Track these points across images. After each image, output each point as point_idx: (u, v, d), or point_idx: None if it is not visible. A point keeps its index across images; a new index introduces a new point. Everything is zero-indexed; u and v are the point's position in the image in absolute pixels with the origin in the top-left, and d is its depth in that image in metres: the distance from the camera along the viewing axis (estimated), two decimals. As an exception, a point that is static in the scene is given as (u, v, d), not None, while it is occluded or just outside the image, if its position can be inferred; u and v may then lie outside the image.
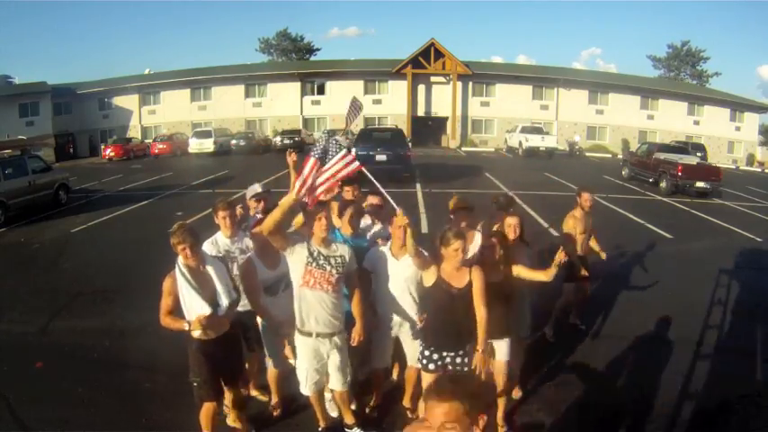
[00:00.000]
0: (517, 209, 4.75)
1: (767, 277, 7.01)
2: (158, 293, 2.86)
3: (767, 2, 52.76)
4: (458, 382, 1.34)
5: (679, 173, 13.39)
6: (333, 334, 2.97)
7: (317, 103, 31.10)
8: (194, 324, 2.73)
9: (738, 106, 31.66)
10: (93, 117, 31.64)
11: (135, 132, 30.74)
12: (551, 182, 15.02)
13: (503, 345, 3.25)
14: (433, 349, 2.96)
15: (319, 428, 3.26)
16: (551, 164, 20.22)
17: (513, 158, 23.63)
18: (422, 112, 30.62)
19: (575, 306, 5.02)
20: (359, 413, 3.38)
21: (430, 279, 2.94)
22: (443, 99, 30.27)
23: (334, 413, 3.41)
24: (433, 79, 30.20)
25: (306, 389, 3.06)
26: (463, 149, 28.52)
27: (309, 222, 2.92)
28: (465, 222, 3.43)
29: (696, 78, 41.82)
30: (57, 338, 4.79)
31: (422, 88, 30.43)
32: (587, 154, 27.35)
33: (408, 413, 3.43)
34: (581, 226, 4.74)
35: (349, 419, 3.26)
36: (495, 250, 3.15)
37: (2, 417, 3.51)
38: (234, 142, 24.09)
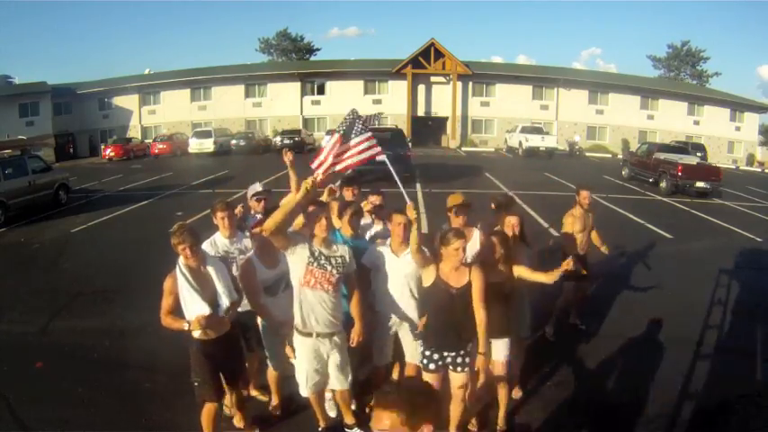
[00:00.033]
0: (517, 209, 4.75)
1: (767, 277, 7.01)
2: (158, 293, 2.86)
3: (767, 2, 52.77)
4: (401, 390, 1.35)
5: (679, 173, 13.39)
6: (333, 334, 2.97)
7: (317, 103, 31.09)
8: (194, 324, 2.73)
9: (738, 106, 31.65)
10: (93, 117, 31.62)
11: (135, 132, 30.73)
12: (551, 182, 15.02)
13: (502, 344, 3.24)
14: (434, 349, 2.96)
15: (319, 429, 3.26)
16: (551, 164, 20.22)
17: (513, 158, 23.63)
18: (422, 112, 30.60)
19: (574, 306, 5.02)
20: (359, 413, 3.37)
21: (429, 278, 2.94)
22: (443, 99, 30.26)
23: (332, 413, 3.41)
24: (433, 79, 30.19)
25: (306, 390, 3.04)
26: (463, 149, 28.52)
27: (310, 223, 2.91)
28: (463, 220, 3.43)
29: (696, 78, 41.81)
30: (57, 338, 4.79)
31: (422, 88, 30.42)
32: (587, 154, 27.36)
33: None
34: (580, 224, 4.75)
35: (349, 419, 3.26)
36: (495, 250, 3.14)
37: (2, 417, 3.51)
38: (234, 142, 24.08)
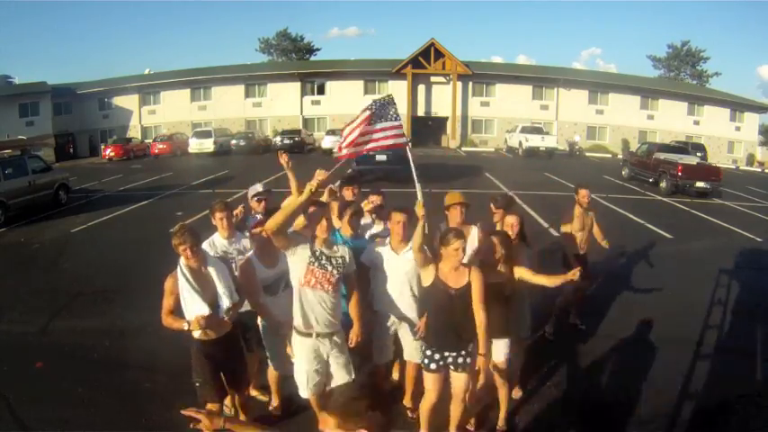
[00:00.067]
0: (516, 208, 4.75)
1: (767, 277, 7.01)
2: (158, 293, 2.86)
3: (767, 2, 52.77)
4: (332, 394, 1.41)
5: (679, 173, 13.39)
6: (332, 334, 2.97)
7: (317, 103, 31.08)
8: (193, 324, 2.73)
9: (738, 106, 31.64)
10: (93, 117, 31.60)
11: (135, 132, 30.71)
12: (551, 182, 15.03)
13: (502, 345, 3.24)
14: (435, 349, 2.96)
15: (320, 429, 3.25)
16: (551, 164, 20.22)
17: (513, 158, 23.63)
18: (422, 112, 30.59)
19: (574, 305, 5.02)
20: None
21: (428, 278, 2.94)
22: (443, 99, 30.26)
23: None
24: (433, 79, 30.19)
25: (306, 391, 3.01)
26: (463, 149, 28.51)
27: (311, 224, 2.91)
28: (460, 218, 3.42)
29: (696, 78, 41.80)
30: (57, 338, 4.79)
31: (422, 88, 30.41)
32: (587, 154, 27.35)
33: (408, 413, 3.43)
34: (579, 223, 4.75)
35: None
36: (496, 250, 3.14)
37: (2, 417, 3.51)
38: (234, 142, 24.06)
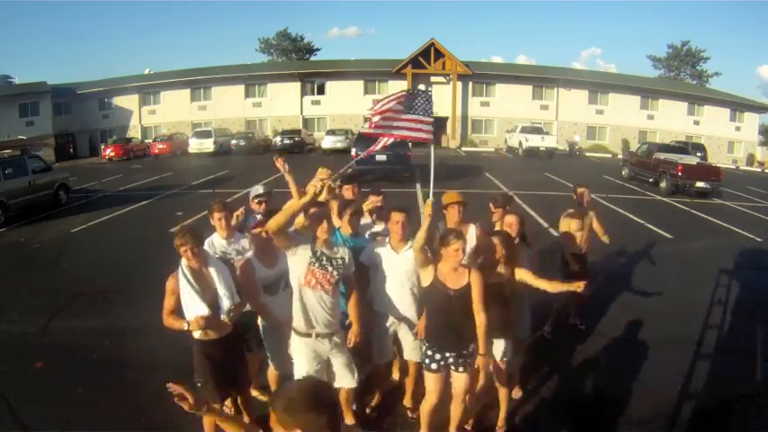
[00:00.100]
0: (515, 208, 4.76)
1: (767, 277, 7.01)
2: (159, 293, 2.87)
3: (767, 2, 52.76)
4: (280, 393, 1.40)
5: (679, 173, 13.39)
6: (332, 334, 2.97)
7: (317, 103, 31.08)
8: (193, 324, 2.73)
9: (738, 106, 31.64)
10: (93, 117, 31.60)
11: (135, 132, 30.72)
12: (551, 182, 15.02)
13: (501, 345, 3.24)
14: (436, 349, 2.96)
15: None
16: (551, 164, 20.21)
17: (513, 158, 23.63)
18: (422, 111, 30.57)
19: (574, 306, 5.02)
20: (359, 413, 3.37)
21: (427, 279, 2.94)
22: (443, 99, 30.19)
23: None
24: (433, 79, 30.13)
25: None
26: (463, 149, 28.52)
27: (312, 224, 2.91)
28: (458, 217, 3.42)
29: (696, 78, 41.81)
30: (57, 338, 4.79)
31: (422, 88, 30.34)
32: (587, 154, 27.35)
33: (409, 413, 3.43)
34: (578, 223, 4.75)
35: (349, 419, 3.25)
36: (496, 250, 3.14)
37: (2, 417, 3.51)
38: (234, 142, 24.06)
